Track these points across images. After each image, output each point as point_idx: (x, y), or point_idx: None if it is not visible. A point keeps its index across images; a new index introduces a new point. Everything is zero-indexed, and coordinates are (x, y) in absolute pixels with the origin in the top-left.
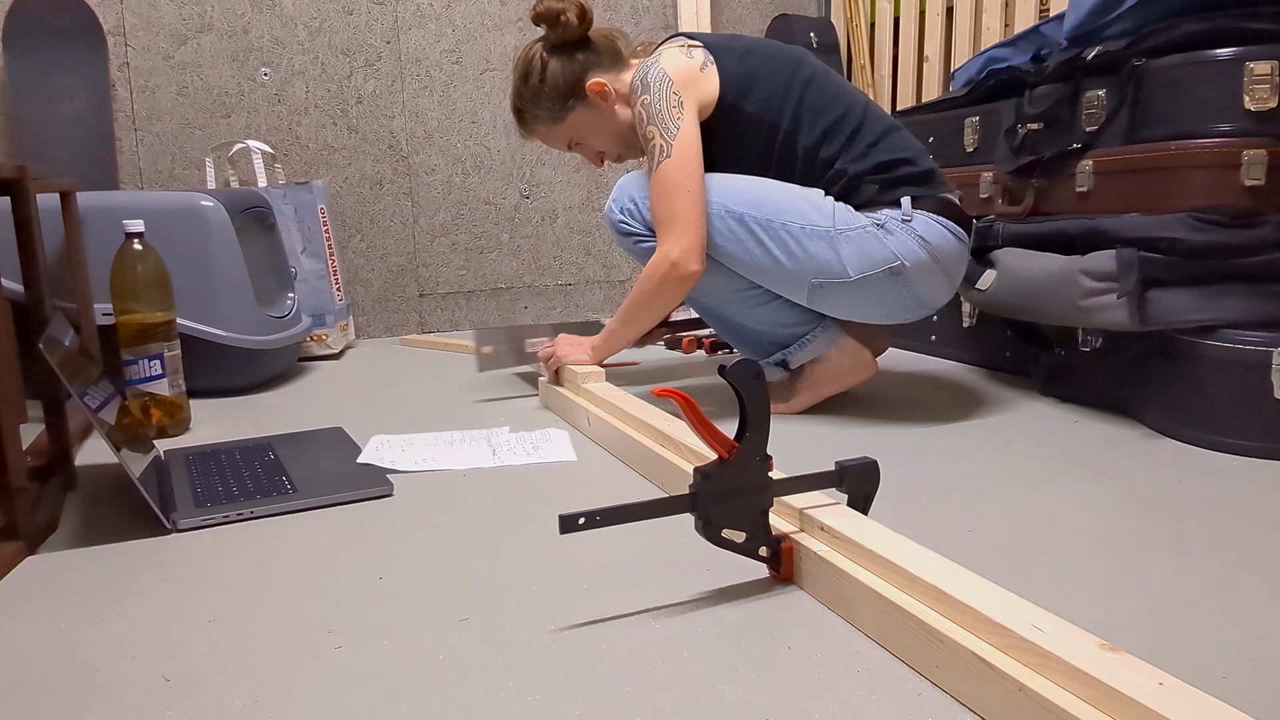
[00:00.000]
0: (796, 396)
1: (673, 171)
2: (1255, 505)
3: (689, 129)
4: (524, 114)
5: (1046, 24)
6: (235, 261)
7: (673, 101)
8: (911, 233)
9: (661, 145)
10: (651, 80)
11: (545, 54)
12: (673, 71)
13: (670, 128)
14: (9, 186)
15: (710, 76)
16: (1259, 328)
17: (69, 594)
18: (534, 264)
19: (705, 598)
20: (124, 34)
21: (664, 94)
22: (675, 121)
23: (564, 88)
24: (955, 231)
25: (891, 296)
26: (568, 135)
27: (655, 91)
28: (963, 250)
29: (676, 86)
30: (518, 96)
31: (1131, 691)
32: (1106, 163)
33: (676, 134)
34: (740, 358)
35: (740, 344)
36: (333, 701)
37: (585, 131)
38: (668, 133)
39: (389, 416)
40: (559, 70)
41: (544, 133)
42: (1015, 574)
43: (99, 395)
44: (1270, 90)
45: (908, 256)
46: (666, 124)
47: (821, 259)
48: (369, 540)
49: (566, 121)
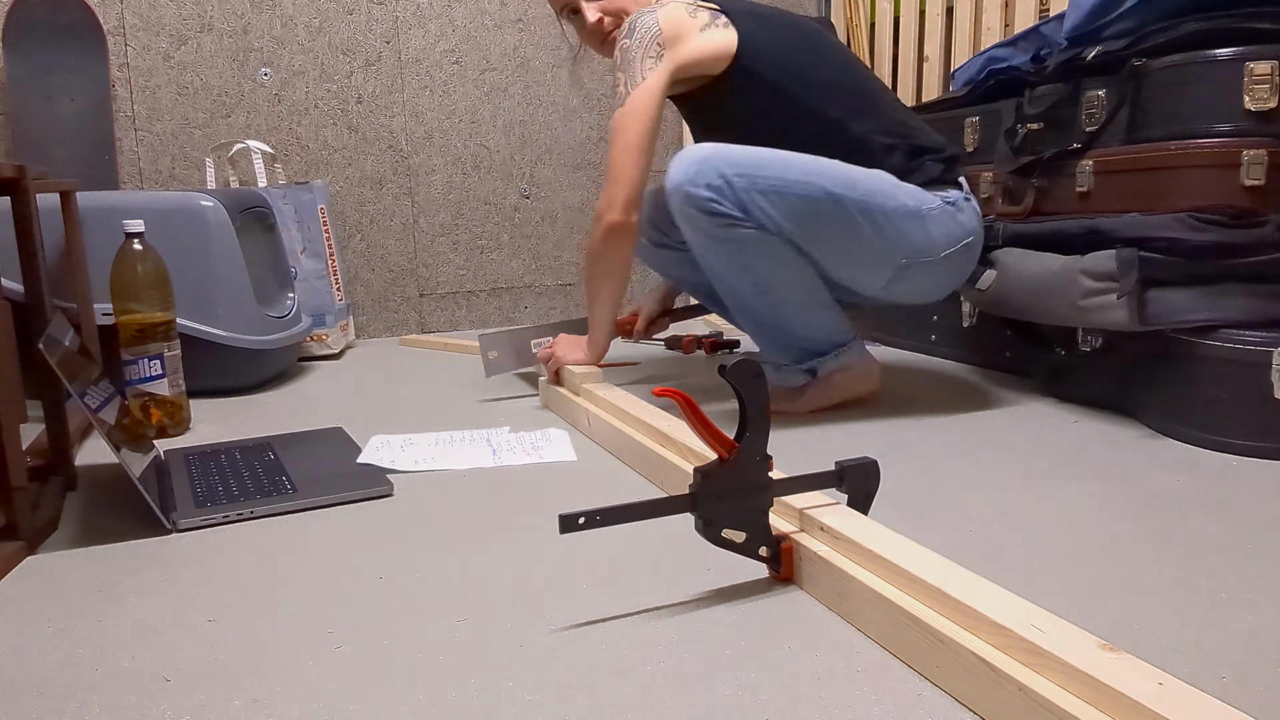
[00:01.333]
0: (804, 398)
1: (621, 121)
2: (1255, 505)
3: (654, 84)
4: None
5: (1046, 24)
6: (235, 261)
7: (650, 52)
8: (972, 210)
9: (621, 94)
10: (639, 27)
11: None
12: (665, 25)
13: (636, 78)
14: (9, 186)
15: (714, 36)
16: (1259, 328)
17: (69, 594)
18: (534, 264)
19: (705, 598)
20: (124, 34)
21: (645, 45)
22: (643, 73)
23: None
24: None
25: (959, 272)
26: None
27: (637, 39)
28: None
29: (663, 39)
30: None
31: (1131, 692)
32: (1106, 163)
33: (639, 85)
34: (740, 357)
35: (773, 347)
36: (333, 701)
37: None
38: (631, 81)
39: (389, 416)
40: None
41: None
42: (1015, 574)
43: (99, 395)
44: (1270, 90)
45: (974, 232)
46: (634, 74)
47: (913, 238)
48: (369, 540)
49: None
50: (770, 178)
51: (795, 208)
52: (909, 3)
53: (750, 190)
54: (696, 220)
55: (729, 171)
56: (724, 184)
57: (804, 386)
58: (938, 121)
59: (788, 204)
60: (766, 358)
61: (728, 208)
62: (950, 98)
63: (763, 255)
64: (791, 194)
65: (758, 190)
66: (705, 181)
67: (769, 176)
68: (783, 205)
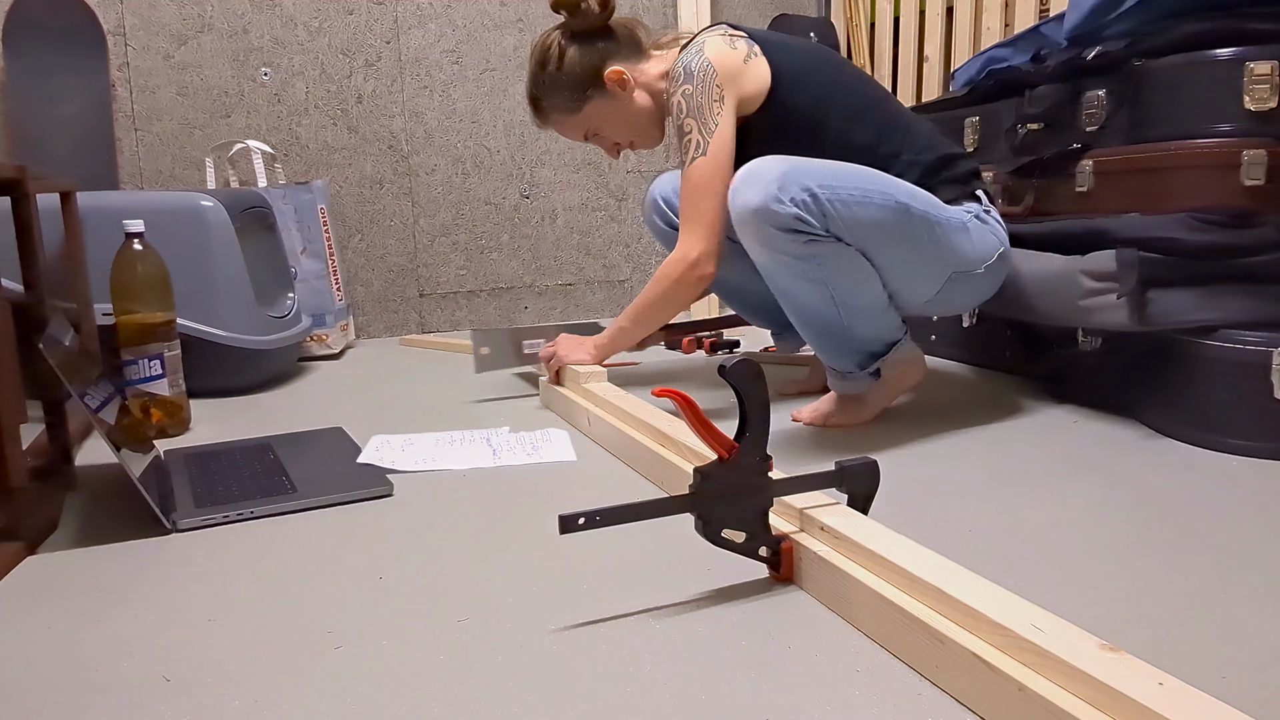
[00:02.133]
0: (868, 405)
1: (707, 170)
2: (1255, 505)
3: (726, 127)
4: (540, 103)
5: (1046, 24)
6: (235, 261)
7: (714, 95)
8: (995, 222)
9: (699, 141)
10: (695, 70)
11: (564, 41)
12: (717, 62)
13: (710, 124)
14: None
15: (755, 68)
16: (1259, 328)
17: (69, 594)
18: (534, 264)
19: (705, 598)
20: (124, 34)
21: (707, 86)
22: (715, 117)
23: (582, 76)
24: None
25: (992, 283)
26: (585, 125)
27: (699, 82)
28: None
29: (720, 79)
30: (535, 84)
31: (1131, 691)
32: (1106, 163)
33: (715, 131)
34: (740, 357)
35: (837, 355)
36: (333, 701)
37: (603, 122)
38: (706, 129)
39: (389, 416)
40: (577, 58)
41: (560, 122)
42: (1015, 574)
43: (99, 395)
44: (1270, 90)
45: (1005, 242)
46: (706, 119)
47: (963, 251)
48: (369, 540)
49: (584, 111)
50: (850, 187)
51: (873, 217)
52: (909, 3)
53: (834, 201)
54: (777, 240)
55: (811, 184)
56: (809, 198)
57: (866, 393)
58: (937, 122)
59: (867, 213)
60: (830, 367)
61: (812, 223)
62: (950, 98)
63: (840, 267)
64: (871, 203)
65: (840, 200)
66: (790, 196)
67: (848, 186)
68: (862, 215)
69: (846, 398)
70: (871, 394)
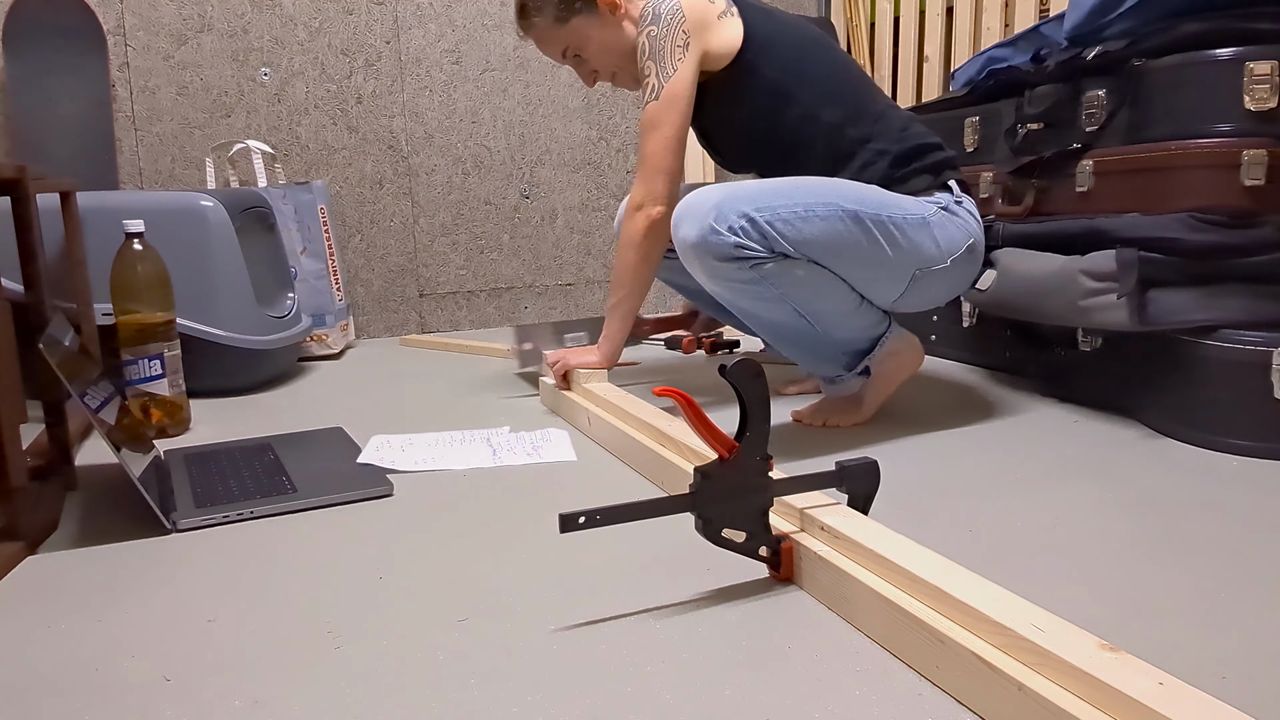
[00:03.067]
0: (864, 404)
1: (656, 113)
2: (1255, 505)
3: (685, 73)
4: (527, 7)
5: (1046, 24)
6: (235, 261)
7: (678, 40)
8: (967, 213)
9: (654, 85)
10: (664, 12)
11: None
12: (687, 9)
13: (668, 68)
14: (9, 186)
15: (729, 26)
16: (1259, 328)
17: (69, 594)
18: (534, 264)
19: (705, 598)
20: (124, 34)
21: (672, 31)
22: (674, 62)
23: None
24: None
25: (964, 276)
26: (566, 41)
27: (664, 26)
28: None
29: (688, 25)
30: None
31: (1131, 691)
32: (1106, 163)
33: (671, 76)
34: (740, 357)
35: (820, 363)
36: (333, 701)
37: (585, 41)
38: (663, 72)
39: (389, 416)
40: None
41: (542, 32)
42: (1015, 574)
43: (99, 395)
44: (1270, 90)
45: (973, 233)
46: (664, 63)
47: (924, 248)
48: (369, 540)
49: (569, 24)
50: (790, 205)
51: (818, 231)
52: (909, 3)
53: (774, 222)
54: (722, 270)
55: (748, 209)
56: (747, 224)
57: (860, 391)
58: (938, 121)
59: (812, 228)
60: (818, 375)
61: (754, 248)
62: (950, 98)
63: (794, 282)
64: (815, 216)
65: (781, 220)
66: (727, 225)
67: (788, 204)
68: (807, 230)
69: (841, 399)
70: (867, 391)
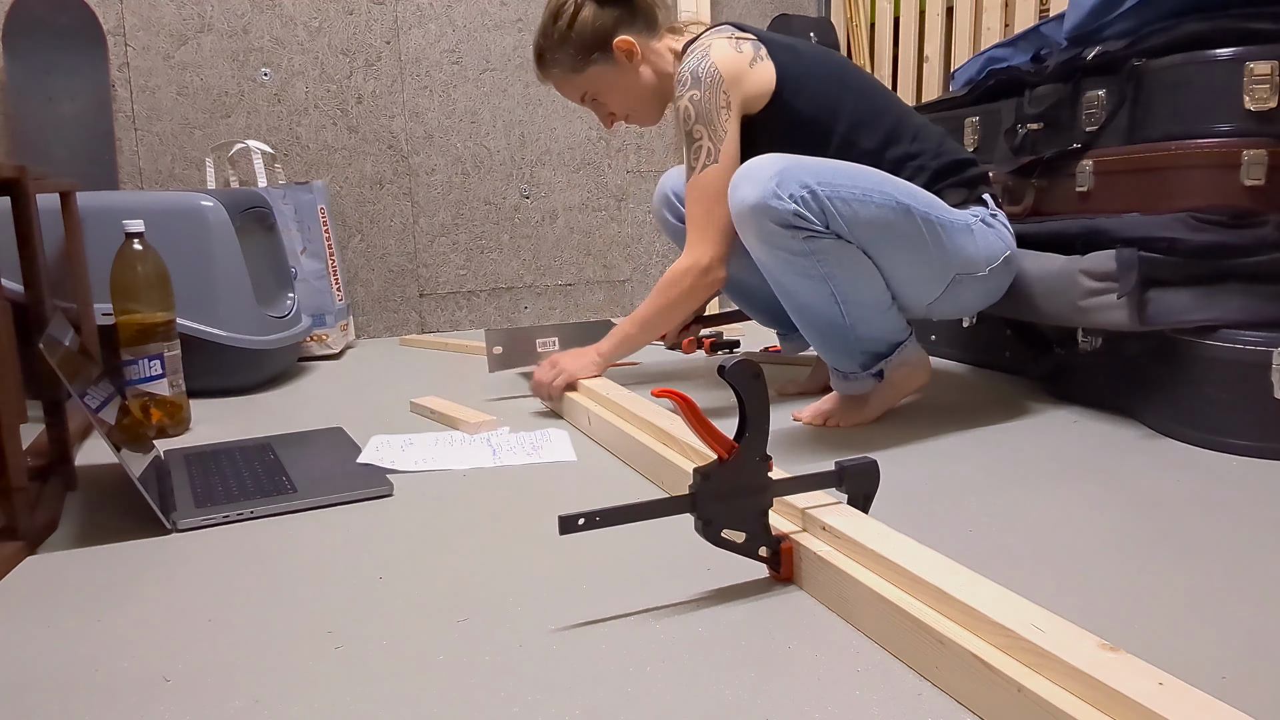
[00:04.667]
0: (870, 405)
1: (720, 178)
2: (1255, 505)
3: (734, 133)
4: (545, 56)
5: (1046, 24)
6: (235, 261)
7: (721, 102)
8: (1002, 225)
9: (709, 149)
10: (703, 75)
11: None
12: (723, 67)
13: (719, 131)
14: (9, 186)
15: (761, 71)
16: (1259, 328)
17: (69, 594)
18: (534, 264)
19: (705, 598)
20: (124, 34)
21: (715, 93)
22: (723, 124)
23: (591, 38)
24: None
25: (997, 287)
26: (584, 88)
27: (706, 88)
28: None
29: (726, 85)
30: (543, 36)
31: (1131, 691)
32: (1106, 163)
33: (724, 139)
34: (740, 357)
35: (840, 355)
36: (333, 701)
37: (603, 88)
38: (716, 136)
39: (389, 416)
40: (590, 19)
41: (560, 79)
42: (1015, 574)
43: (99, 395)
44: (1270, 90)
45: (1010, 246)
46: (715, 127)
47: (966, 252)
48: (369, 540)
49: (586, 74)
50: (849, 185)
51: (873, 216)
52: (909, 3)
53: (834, 198)
54: (776, 237)
55: (810, 180)
56: (808, 194)
57: (869, 394)
58: (938, 122)
59: (868, 212)
60: (833, 368)
61: (811, 219)
62: (950, 98)
63: (842, 263)
64: (871, 202)
65: (840, 198)
66: (789, 193)
67: (848, 185)
68: (863, 213)
69: (848, 398)
70: (874, 395)
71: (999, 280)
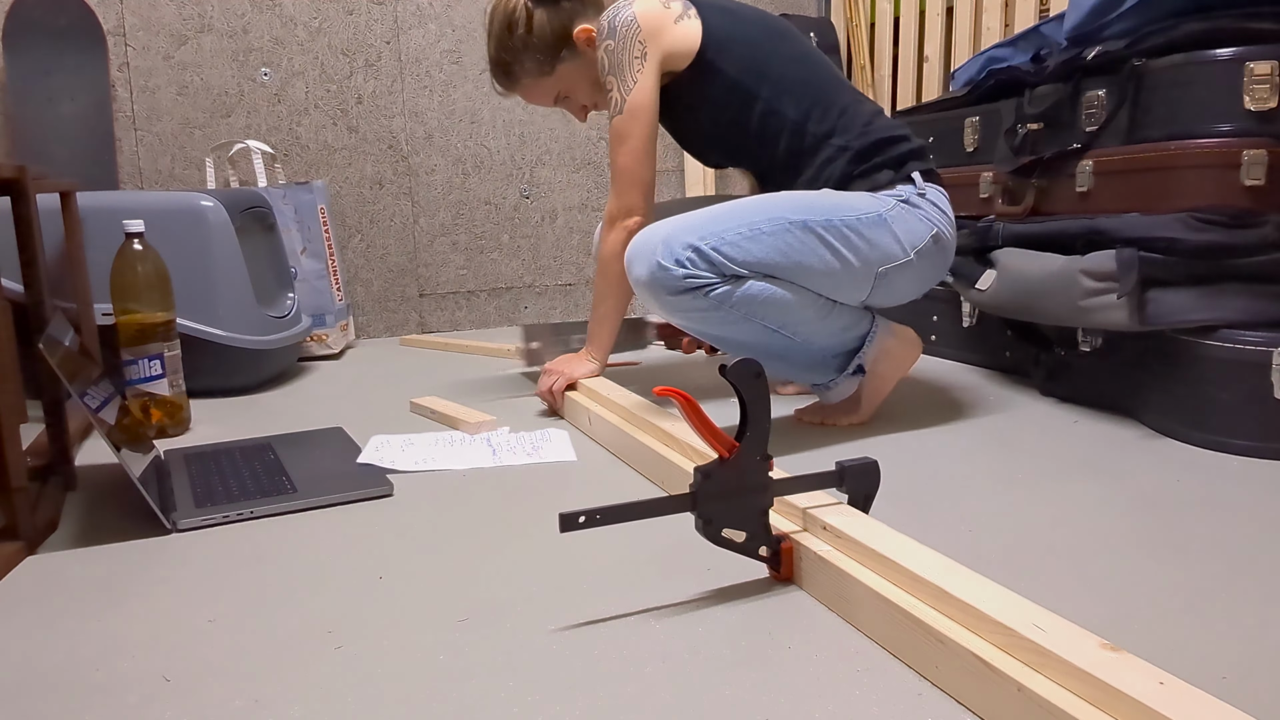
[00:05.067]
0: (862, 403)
1: (622, 126)
2: (1255, 505)
3: (646, 83)
4: (510, 67)
5: (1046, 24)
6: (235, 261)
7: (635, 52)
8: (930, 204)
9: (617, 99)
10: (619, 25)
11: (530, 3)
12: (642, 18)
13: (628, 80)
14: (9, 186)
15: (686, 28)
16: (1259, 328)
17: (69, 594)
18: (534, 264)
19: (705, 598)
20: (124, 34)
21: (629, 42)
22: (634, 74)
23: (552, 38)
24: (947, 198)
25: (933, 269)
26: (556, 88)
27: (620, 38)
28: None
29: (644, 35)
30: (502, 49)
31: (1132, 691)
32: (1106, 163)
33: (633, 88)
34: (740, 357)
35: (808, 372)
36: (333, 701)
37: (574, 81)
38: (624, 85)
39: (389, 416)
40: (545, 20)
41: (530, 87)
42: (1015, 574)
43: (99, 395)
44: (1270, 90)
45: (936, 223)
46: (625, 76)
47: (884, 245)
48: (369, 540)
49: (556, 73)
50: (735, 227)
51: (769, 247)
52: (909, 3)
53: (719, 248)
54: (678, 303)
55: (692, 239)
56: (693, 254)
57: (857, 392)
58: (938, 121)
59: (760, 245)
60: (810, 384)
61: (704, 275)
62: (950, 98)
63: (757, 300)
64: (761, 233)
65: (727, 244)
66: (674, 259)
67: (733, 226)
68: (755, 249)
69: (832, 405)
70: (865, 390)
71: (931, 261)
